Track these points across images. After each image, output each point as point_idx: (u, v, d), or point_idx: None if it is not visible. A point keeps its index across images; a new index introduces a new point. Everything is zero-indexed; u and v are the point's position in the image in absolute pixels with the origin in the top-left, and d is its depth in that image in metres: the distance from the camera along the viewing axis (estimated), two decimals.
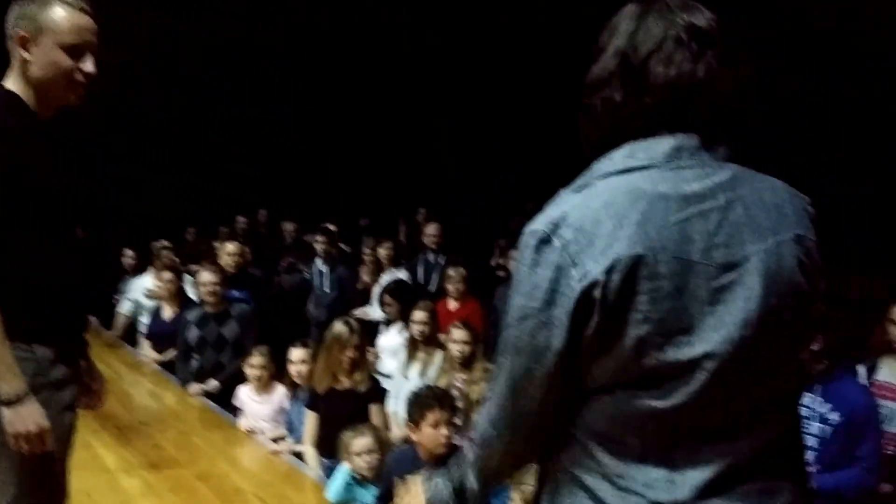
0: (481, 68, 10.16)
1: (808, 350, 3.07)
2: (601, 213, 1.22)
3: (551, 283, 1.23)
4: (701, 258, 1.22)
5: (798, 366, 1.40)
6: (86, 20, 2.13)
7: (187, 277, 6.77)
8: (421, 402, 3.50)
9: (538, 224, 1.27)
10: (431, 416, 3.43)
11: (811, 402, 3.23)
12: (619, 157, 1.29)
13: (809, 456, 3.14)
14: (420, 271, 7.07)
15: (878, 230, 6.88)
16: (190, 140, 10.98)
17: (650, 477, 1.25)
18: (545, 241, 1.24)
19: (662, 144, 1.28)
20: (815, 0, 7.28)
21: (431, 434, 3.44)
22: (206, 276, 5.47)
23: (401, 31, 10.48)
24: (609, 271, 1.19)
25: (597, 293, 1.20)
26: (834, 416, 3.17)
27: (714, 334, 1.22)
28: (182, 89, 10.75)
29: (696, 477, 1.24)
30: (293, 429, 4.55)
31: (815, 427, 3.20)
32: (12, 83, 2.12)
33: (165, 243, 7.55)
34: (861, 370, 3.75)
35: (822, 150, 7.44)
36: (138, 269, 7.34)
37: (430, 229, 7.16)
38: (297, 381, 4.62)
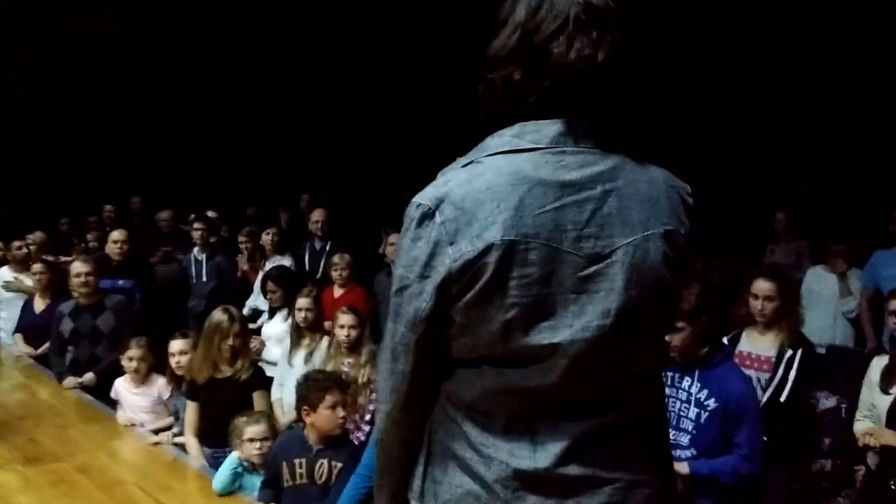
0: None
1: (675, 333, 3.09)
2: (483, 195, 1.26)
3: (428, 256, 1.28)
4: (570, 247, 1.26)
5: (659, 348, 1.49)
6: None
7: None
8: (319, 385, 3.51)
9: (424, 197, 1.30)
10: (330, 398, 3.46)
11: (689, 387, 3.20)
12: (508, 136, 1.32)
13: (685, 439, 3.17)
14: (306, 259, 7.00)
15: (736, 216, 7.24)
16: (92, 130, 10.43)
17: (513, 446, 1.33)
18: (428, 215, 1.28)
19: (551, 128, 1.29)
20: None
21: (329, 416, 3.46)
22: (78, 266, 5.31)
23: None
24: (482, 254, 1.24)
25: (468, 273, 1.26)
26: (710, 402, 3.12)
27: (575, 322, 1.28)
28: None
29: (556, 446, 1.32)
30: (180, 419, 4.46)
31: (692, 412, 3.17)
32: None
33: (38, 235, 7.22)
34: (724, 341, 3.94)
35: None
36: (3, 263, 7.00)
37: (316, 216, 7.05)
38: (179, 372, 4.53)
